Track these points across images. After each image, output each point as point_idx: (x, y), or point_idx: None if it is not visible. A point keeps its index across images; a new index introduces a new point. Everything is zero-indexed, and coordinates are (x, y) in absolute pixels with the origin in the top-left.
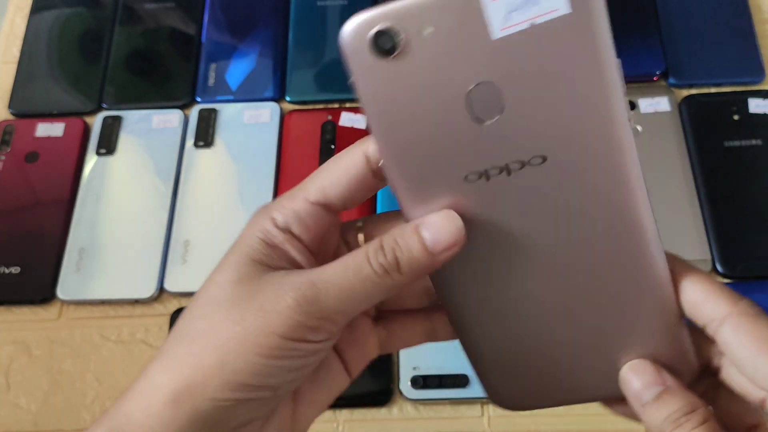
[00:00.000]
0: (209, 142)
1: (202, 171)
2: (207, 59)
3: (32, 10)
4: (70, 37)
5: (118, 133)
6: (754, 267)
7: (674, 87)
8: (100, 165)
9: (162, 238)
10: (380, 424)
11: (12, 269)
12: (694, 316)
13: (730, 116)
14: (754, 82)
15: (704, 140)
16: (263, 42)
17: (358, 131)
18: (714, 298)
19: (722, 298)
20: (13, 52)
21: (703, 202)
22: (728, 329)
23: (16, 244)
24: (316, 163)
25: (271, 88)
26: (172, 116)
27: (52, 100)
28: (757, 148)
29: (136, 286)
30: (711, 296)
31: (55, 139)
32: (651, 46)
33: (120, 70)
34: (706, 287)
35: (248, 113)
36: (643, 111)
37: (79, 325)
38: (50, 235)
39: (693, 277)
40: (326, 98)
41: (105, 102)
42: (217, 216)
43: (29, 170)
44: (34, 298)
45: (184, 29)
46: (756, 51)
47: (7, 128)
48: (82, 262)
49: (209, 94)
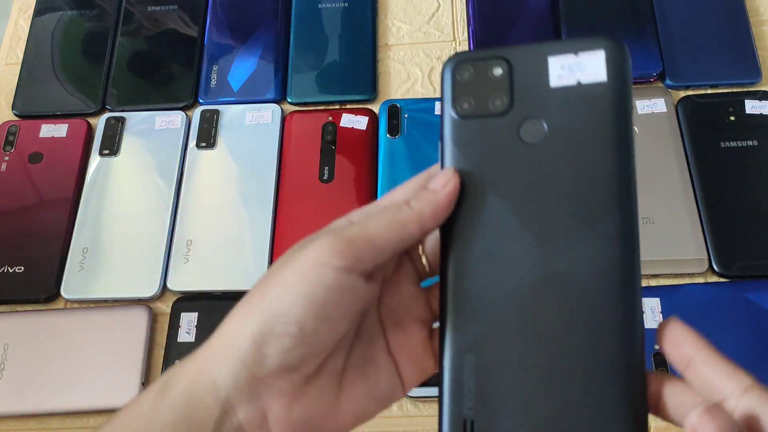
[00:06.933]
0: (211, 143)
1: (204, 171)
2: (209, 61)
3: (36, 13)
4: (73, 39)
5: (122, 133)
6: (750, 266)
7: (671, 88)
8: (103, 165)
9: (165, 238)
10: (380, 422)
11: (16, 268)
12: (711, 390)
13: (726, 117)
14: (750, 84)
15: (701, 141)
16: (265, 44)
17: (359, 132)
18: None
19: (742, 373)
20: (17, 54)
21: (700, 203)
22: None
23: (20, 244)
24: (317, 164)
25: (272, 90)
26: (175, 117)
27: (55, 101)
28: (753, 148)
29: (139, 285)
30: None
31: (58, 139)
32: (648, 48)
33: (123, 71)
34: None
35: (250, 114)
36: (640, 112)
37: None
38: (54, 234)
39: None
40: (327, 99)
41: (108, 103)
42: (219, 216)
43: (33, 171)
44: (38, 297)
45: (187, 31)
46: (752, 52)
47: (11, 129)
48: (85, 262)
49: (211, 95)
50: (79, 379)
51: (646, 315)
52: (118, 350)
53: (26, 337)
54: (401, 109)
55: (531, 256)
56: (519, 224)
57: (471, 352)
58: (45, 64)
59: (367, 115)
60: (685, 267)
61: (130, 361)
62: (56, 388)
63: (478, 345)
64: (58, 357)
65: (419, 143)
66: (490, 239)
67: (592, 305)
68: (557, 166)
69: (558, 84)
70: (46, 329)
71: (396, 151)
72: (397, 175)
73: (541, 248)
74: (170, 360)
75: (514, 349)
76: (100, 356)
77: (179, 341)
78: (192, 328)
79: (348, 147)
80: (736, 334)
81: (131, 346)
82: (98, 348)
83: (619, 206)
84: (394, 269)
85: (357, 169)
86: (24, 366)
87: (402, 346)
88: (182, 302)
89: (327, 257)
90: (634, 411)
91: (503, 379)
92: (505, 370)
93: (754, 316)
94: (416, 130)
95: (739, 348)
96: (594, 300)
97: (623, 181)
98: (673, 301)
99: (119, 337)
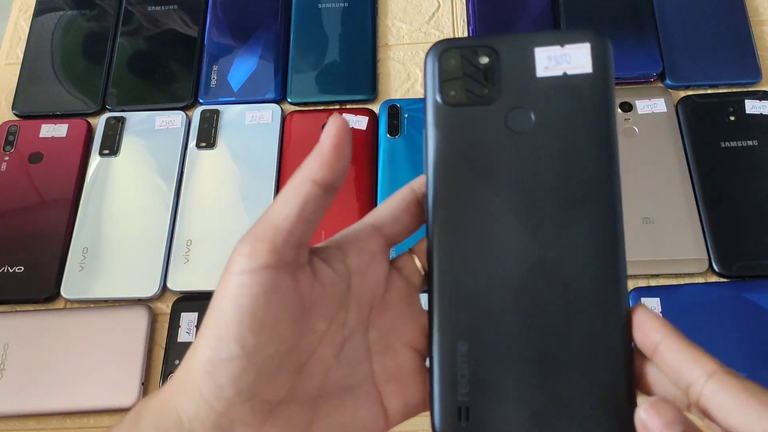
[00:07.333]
0: (211, 143)
1: (204, 171)
2: (209, 61)
3: (36, 13)
4: (73, 39)
5: (122, 134)
6: (750, 266)
7: (671, 88)
8: (103, 165)
9: (165, 238)
10: None
11: (16, 268)
12: (677, 376)
13: (726, 117)
14: (750, 84)
15: (701, 141)
16: (265, 44)
17: (359, 132)
18: (699, 358)
19: (706, 358)
20: (17, 54)
21: (700, 203)
22: (717, 384)
23: (20, 244)
24: None
25: (272, 90)
26: (175, 117)
27: (55, 101)
28: (753, 148)
29: (139, 285)
30: (695, 356)
31: (58, 139)
32: (648, 48)
33: (123, 71)
34: (690, 349)
35: (250, 114)
36: (640, 112)
37: None
38: (54, 234)
39: (672, 341)
40: (327, 99)
41: (108, 103)
42: (219, 216)
43: (33, 171)
44: (38, 297)
45: (187, 31)
46: (752, 52)
47: (12, 129)
48: (85, 262)
49: (211, 95)
50: (79, 379)
51: None
52: (118, 350)
53: (26, 337)
54: (401, 109)
55: (519, 242)
56: (506, 212)
57: (462, 338)
58: (45, 64)
59: (367, 115)
60: (685, 267)
61: (130, 361)
62: (56, 388)
63: (470, 331)
64: (58, 357)
65: (419, 143)
66: (478, 227)
67: (580, 290)
68: (545, 155)
69: (544, 74)
70: (46, 329)
71: (396, 151)
72: (397, 175)
73: (528, 235)
74: (170, 360)
75: (506, 334)
76: (100, 356)
77: (179, 341)
78: (192, 328)
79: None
80: (736, 334)
81: (131, 346)
82: (98, 348)
83: (604, 194)
84: (385, 288)
85: (357, 169)
86: (24, 366)
87: (389, 375)
88: (182, 302)
89: (239, 265)
90: (624, 394)
91: (496, 365)
92: (498, 356)
93: (754, 316)
94: (416, 130)
95: (739, 348)
96: (581, 285)
97: (608, 169)
98: (673, 301)
99: (119, 337)
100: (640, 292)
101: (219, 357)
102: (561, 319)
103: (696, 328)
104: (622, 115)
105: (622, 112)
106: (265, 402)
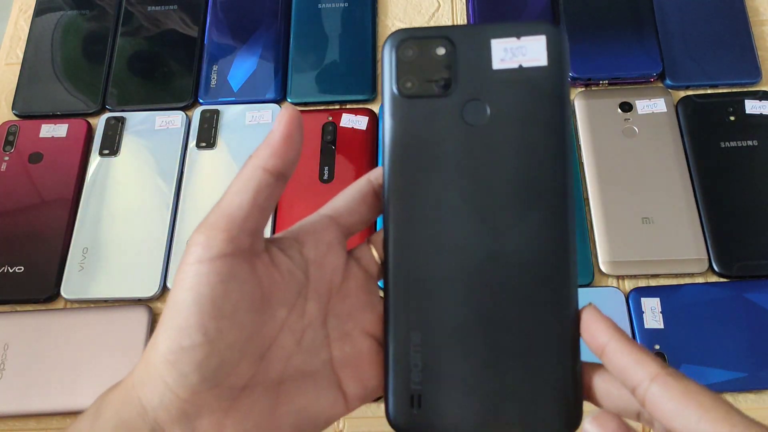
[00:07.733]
0: (211, 143)
1: (204, 171)
2: (209, 61)
3: (36, 13)
4: (73, 39)
5: (122, 134)
6: (750, 266)
7: (671, 88)
8: (103, 165)
9: (165, 238)
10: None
11: (16, 268)
12: (624, 378)
13: (726, 117)
14: (750, 84)
15: (701, 141)
16: (265, 44)
17: (359, 132)
18: (643, 361)
19: (650, 361)
20: (17, 54)
21: (700, 203)
22: (659, 387)
23: (20, 244)
24: (317, 164)
25: (272, 90)
26: (175, 117)
27: (55, 101)
28: (753, 148)
29: (139, 286)
30: (639, 359)
31: (58, 139)
32: (648, 48)
33: (123, 71)
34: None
35: (250, 114)
36: (640, 112)
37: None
38: (54, 234)
39: (618, 343)
40: (327, 100)
41: (108, 103)
42: None
43: (33, 171)
44: (38, 297)
45: (187, 31)
46: (752, 52)
47: (11, 129)
48: (85, 262)
49: (211, 95)
50: (79, 379)
51: (646, 315)
52: (118, 350)
53: (26, 337)
54: None
55: (472, 235)
56: (461, 204)
57: (416, 329)
58: (45, 64)
59: (367, 115)
60: (685, 267)
61: (130, 361)
62: (56, 388)
63: (423, 322)
64: (58, 357)
65: None
66: (433, 219)
67: (531, 283)
68: (499, 148)
69: (500, 66)
70: (46, 329)
71: None
72: None
73: (482, 228)
74: None
75: (458, 326)
76: (100, 356)
77: None
78: None
79: (348, 147)
80: (736, 334)
81: (131, 346)
82: (98, 348)
83: (556, 189)
84: (342, 277)
85: (357, 169)
86: (24, 366)
87: (348, 361)
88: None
89: (195, 255)
90: (570, 384)
91: (448, 355)
92: (450, 346)
93: (754, 316)
94: None
95: (739, 348)
96: (532, 278)
97: (561, 164)
98: (672, 301)
99: (119, 337)
100: (640, 292)
101: (181, 345)
102: (511, 312)
103: (696, 329)
104: (622, 115)
105: (622, 112)
106: (229, 388)
